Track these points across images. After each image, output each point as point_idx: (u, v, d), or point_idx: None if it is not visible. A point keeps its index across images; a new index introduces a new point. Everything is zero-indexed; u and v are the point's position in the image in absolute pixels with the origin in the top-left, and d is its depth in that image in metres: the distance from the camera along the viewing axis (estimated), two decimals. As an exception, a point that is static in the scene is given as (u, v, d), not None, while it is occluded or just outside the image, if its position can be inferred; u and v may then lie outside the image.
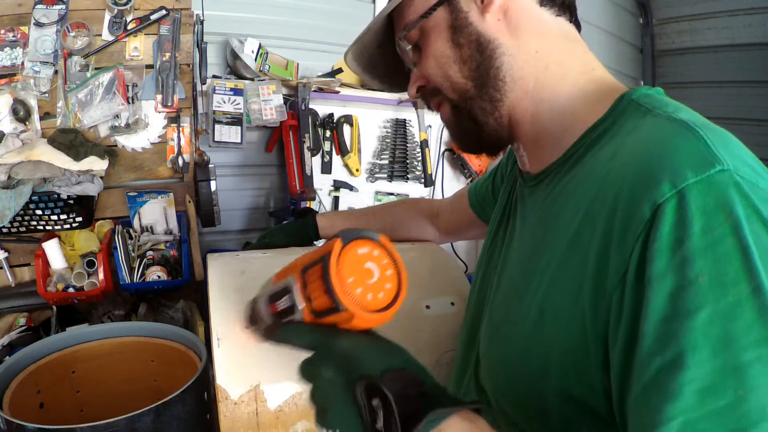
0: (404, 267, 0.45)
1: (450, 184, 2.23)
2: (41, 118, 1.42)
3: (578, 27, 0.60)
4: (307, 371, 0.45)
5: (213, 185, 1.57)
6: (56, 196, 1.34)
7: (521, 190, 0.66)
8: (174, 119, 1.55)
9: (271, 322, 0.49)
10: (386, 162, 2.09)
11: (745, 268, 0.36)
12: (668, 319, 0.38)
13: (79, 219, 1.40)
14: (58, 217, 1.37)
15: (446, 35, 0.57)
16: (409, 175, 2.11)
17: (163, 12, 1.51)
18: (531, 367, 0.52)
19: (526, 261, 0.57)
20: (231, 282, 0.77)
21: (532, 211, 0.61)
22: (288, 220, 1.61)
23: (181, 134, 1.56)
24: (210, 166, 1.58)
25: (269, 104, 1.71)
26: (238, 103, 1.68)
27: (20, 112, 1.38)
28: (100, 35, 1.48)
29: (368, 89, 1.96)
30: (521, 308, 0.55)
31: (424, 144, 2.03)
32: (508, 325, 0.57)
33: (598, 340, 0.45)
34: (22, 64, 1.40)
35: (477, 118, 0.59)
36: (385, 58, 0.69)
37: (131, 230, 1.51)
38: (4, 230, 1.36)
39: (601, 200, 0.47)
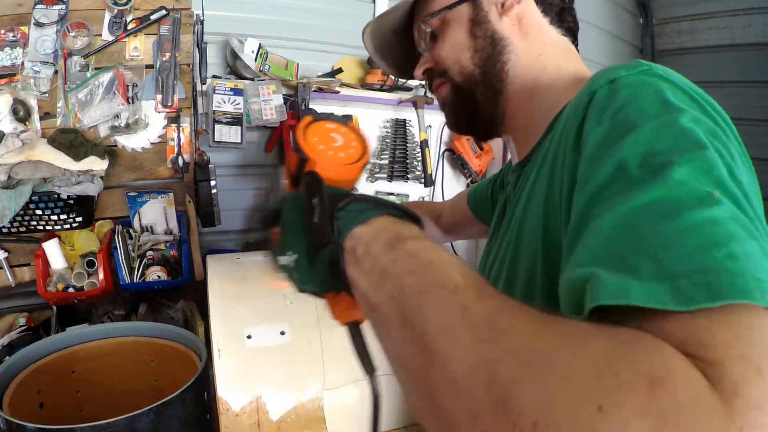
0: (368, 141, 0.50)
1: (450, 184, 2.23)
2: (41, 118, 1.42)
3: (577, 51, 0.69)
4: (270, 216, 0.48)
5: (213, 185, 1.57)
6: (56, 196, 1.34)
7: (513, 182, 0.69)
8: (174, 119, 1.55)
9: None
10: (386, 162, 2.09)
11: (666, 109, 0.38)
12: (601, 148, 0.39)
13: (79, 219, 1.40)
14: (58, 217, 1.37)
15: (466, 26, 0.65)
16: (409, 175, 2.10)
17: (163, 12, 1.51)
18: None
19: (514, 243, 0.59)
20: (231, 290, 0.78)
21: (521, 195, 0.63)
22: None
23: (181, 134, 1.56)
24: (210, 166, 1.58)
25: (269, 104, 1.71)
26: (238, 103, 1.67)
27: (20, 112, 1.38)
28: (100, 35, 1.48)
29: (368, 89, 1.96)
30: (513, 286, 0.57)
31: (424, 144, 2.03)
32: None
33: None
34: (22, 64, 1.40)
35: (477, 102, 0.66)
36: (397, 43, 0.76)
37: (131, 230, 1.51)
38: (4, 230, 1.36)
39: (556, 133, 0.51)
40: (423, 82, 0.75)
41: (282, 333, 0.74)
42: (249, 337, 0.73)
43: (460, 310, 0.30)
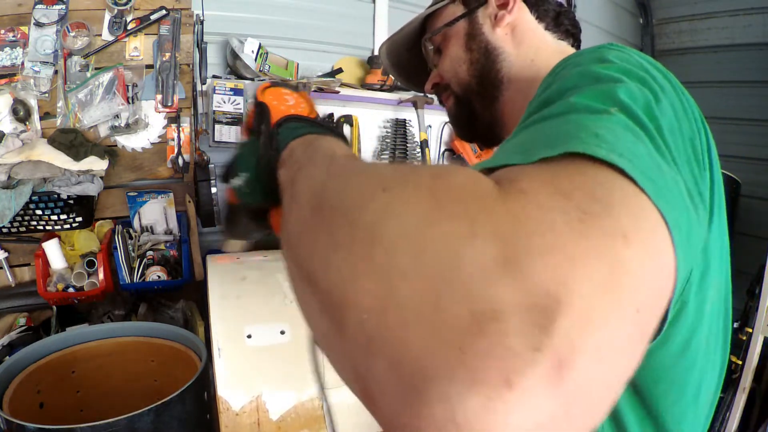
0: (315, 105, 0.57)
1: (450, 184, 2.23)
2: (41, 118, 1.42)
3: None
4: (229, 167, 0.52)
5: (213, 185, 1.57)
6: (56, 196, 1.34)
7: None
8: (174, 119, 1.55)
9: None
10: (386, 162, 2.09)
11: (606, 76, 0.36)
12: (535, 111, 0.38)
13: (79, 219, 1.40)
14: (58, 217, 1.37)
15: (462, 41, 0.69)
16: (409, 175, 2.10)
17: (163, 12, 1.51)
18: None
19: None
20: (231, 290, 0.78)
21: None
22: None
23: (181, 134, 1.56)
24: (210, 166, 1.58)
25: (269, 104, 1.71)
26: (238, 103, 1.67)
27: (20, 112, 1.38)
28: (100, 35, 1.48)
29: (368, 89, 1.96)
30: None
31: (424, 144, 2.03)
32: None
33: None
34: (22, 64, 1.40)
35: (475, 111, 0.70)
36: (412, 60, 0.80)
37: (131, 230, 1.51)
38: (4, 230, 1.36)
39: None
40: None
41: (282, 332, 0.74)
42: (249, 336, 0.73)
43: (326, 165, 0.36)
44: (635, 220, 0.24)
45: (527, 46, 0.66)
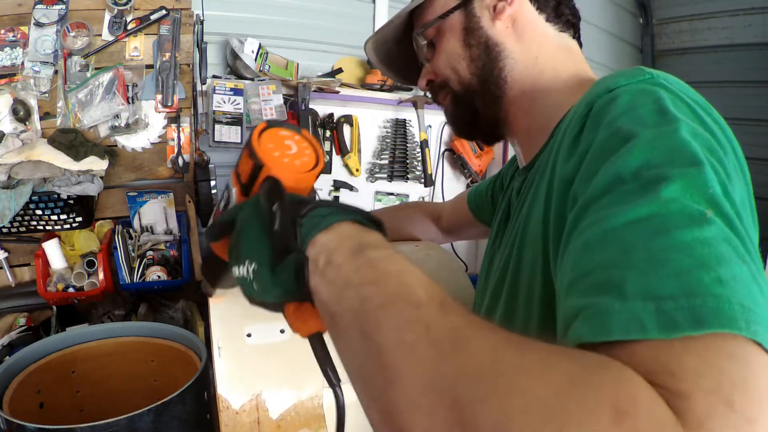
0: (322, 149, 0.50)
1: (450, 184, 2.23)
2: (41, 118, 1.42)
3: (580, 44, 0.67)
4: (222, 227, 0.45)
5: (213, 185, 1.57)
6: (56, 196, 1.34)
7: (517, 187, 0.68)
8: (174, 119, 1.55)
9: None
10: (386, 162, 2.09)
11: (664, 119, 0.38)
12: (597, 159, 0.38)
13: (79, 219, 1.40)
14: (58, 217, 1.37)
15: (459, 35, 0.64)
16: (409, 175, 2.10)
17: (163, 12, 1.51)
18: None
19: (516, 252, 0.58)
20: (231, 289, 0.77)
21: (524, 202, 0.62)
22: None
23: (181, 134, 1.56)
24: (210, 166, 1.58)
25: (269, 104, 1.71)
26: (238, 103, 1.67)
27: (20, 112, 1.38)
28: (100, 35, 1.48)
29: (368, 89, 1.96)
30: (513, 307, 0.56)
31: (424, 144, 2.03)
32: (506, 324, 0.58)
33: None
34: (22, 64, 1.40)
35: (477, 110, 0.66)
36: (402, 53, 0.75)
37: (131, 230, 1.51)
38: (4, 230, 1.36)
39: (557, 141, 0.50)
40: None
41: (281, 331, 0.74)
42: (249, 335, 0.73)
43: (422, 326, 0.29)
44: None
45: (529, 40, 0.62)
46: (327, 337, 0.41)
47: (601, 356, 0.27)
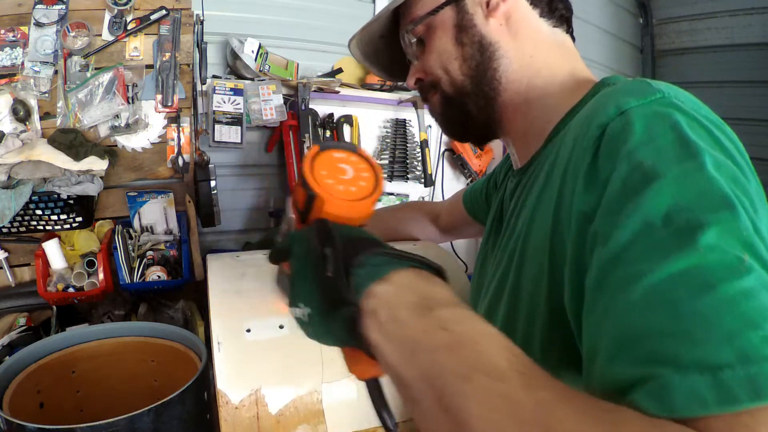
0: (381, 170, 0.47)
1: (450, 184, 2.23)
2: (41, 118, 1.42)
3: (573, 39, 0.65)
4: (279, 255, 0.45)
5: (213, 185, 1.57)
6: (56, 196, 1.34)
7: (511, 188, 0.67)
8: (174, 119, 1.55)
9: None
10: (386, 162, 2.09)
11: (687, 153, 0.37)
12: (621, 198, 0.37)
13: (79, 219, 1.40)
14: (58, 217, 1.37)
15: (451, 33, 0.61)
16: (409, 175, 2.10)
17: (163, 12, 1.51)
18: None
19: (517, 260, 0.57)
20: (231, 285, 0.78)
21: (521, 209, 0.61)
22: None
23: (181, 134, 1.56)
24: (210, 166, 1.58)
25: (269, 104, 1.71)
26: (238, 103, 1.67)
27: (20, 112, 1.38)
28: (100, 35, 1.48)
29: (368, 89, 1.96)
30: (507, 309, 0.56)
31: (424, 144, 2.03)
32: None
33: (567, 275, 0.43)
34: (22, 64, 1.40)
35: (470, 112, 0.63)
36: (387, 48, 0.73)
37: (131, 230, 1.51)
38: (4, 230, 1.36)
39: (560, 154, 0.49)
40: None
41: (281, 327, 0.74)
42: (248, 330, 0.73)
43: (508, 404, 0.28)
44: None
45: (524, 38, 0.60)
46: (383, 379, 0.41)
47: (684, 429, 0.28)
